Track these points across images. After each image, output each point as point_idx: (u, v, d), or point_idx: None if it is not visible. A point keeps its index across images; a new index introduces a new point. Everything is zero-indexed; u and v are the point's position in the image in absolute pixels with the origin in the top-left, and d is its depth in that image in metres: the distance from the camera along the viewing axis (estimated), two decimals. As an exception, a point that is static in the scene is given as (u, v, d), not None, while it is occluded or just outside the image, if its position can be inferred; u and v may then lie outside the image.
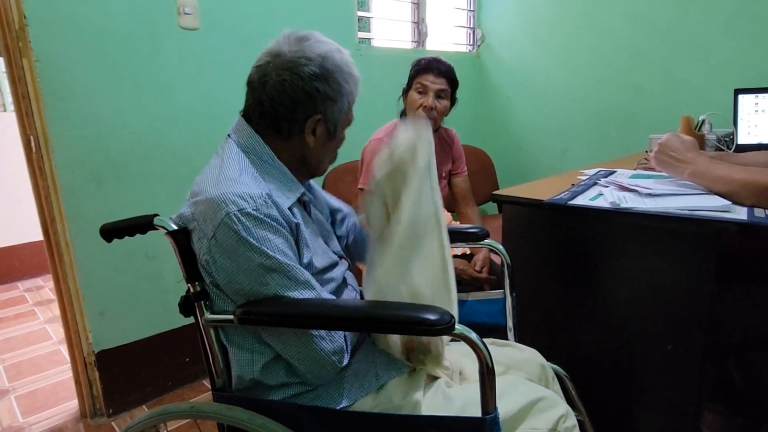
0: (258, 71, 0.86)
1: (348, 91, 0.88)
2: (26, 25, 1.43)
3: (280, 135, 0.87)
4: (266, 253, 0.76)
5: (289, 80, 0.83)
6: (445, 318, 0.66)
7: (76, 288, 1.62)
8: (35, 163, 1.52)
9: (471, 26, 3.01)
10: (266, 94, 0.85)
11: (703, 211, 1.02)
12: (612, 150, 2.48)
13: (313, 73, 0.83)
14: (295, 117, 0.86)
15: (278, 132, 0.87)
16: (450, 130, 1.87)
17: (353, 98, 0.91)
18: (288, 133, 0.87)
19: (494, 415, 0.70)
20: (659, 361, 1.14)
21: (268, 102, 0.85)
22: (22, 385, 1.98)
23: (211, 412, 0.80)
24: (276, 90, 0.84)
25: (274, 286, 0.77)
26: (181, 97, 1.77)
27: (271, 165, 0.87)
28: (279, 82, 0.83)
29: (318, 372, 0.81)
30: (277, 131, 0.87)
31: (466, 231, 1.21)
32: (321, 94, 0.85)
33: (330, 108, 0.87)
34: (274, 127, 0.87)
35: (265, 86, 0.84)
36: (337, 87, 0.86)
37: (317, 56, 0.84)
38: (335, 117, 0.89)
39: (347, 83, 0.88)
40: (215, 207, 0.75)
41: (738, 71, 2.10)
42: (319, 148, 0.90)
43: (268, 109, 0.86)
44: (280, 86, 0.83)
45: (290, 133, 0.87)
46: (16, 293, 3.04)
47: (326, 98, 0.86)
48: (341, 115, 0.90)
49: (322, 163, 0.95)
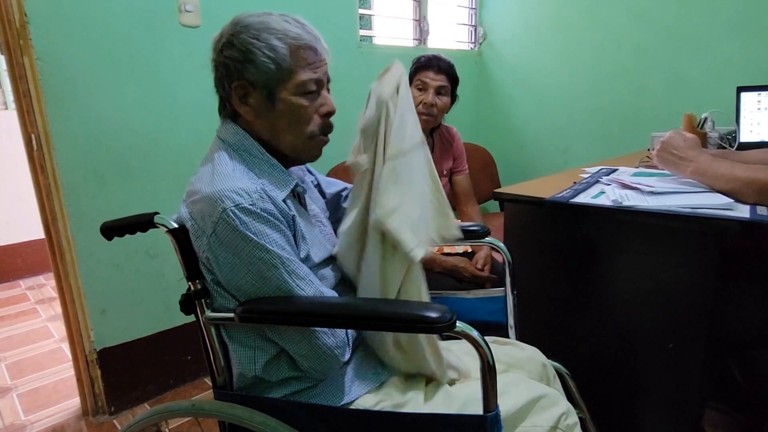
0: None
1: (263, 46, 0.81)
2: (27, 23, 1.43)
3: (232, 118, 0.88)
4: (265, 247, 0.76)
5: (213, 59, 0.86)
6: (445, 316, 0.66)
7: (78, 286, 1.62)
8: (36, 161, 1.52)
9: (473, 24, 3.00)
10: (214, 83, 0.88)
11: (705, 209, 1.01)
12: (614, 148, 2.48)
13: (223, 43, 0.84)
14: (226, 92, 0.86)
15: (230, 116, 0.88)
16: (451, 128, 1.86)
17: (280, 53, 0.81)
18: (232, 113, 0.87)
19: (495, 413, 0.70)
20: (661, 359, 1.14)
21: (215, 89, 0.88)
22: (23, 383, 1.99)
23: (212, 410, 0.80)
24: (213, 74, 0.87)
25: (274, 280, 0.77)
26: (183, 94, 1.77)
27: (261, 159, 0.86)
28: (212, 66, 0.86)
29: (321, 367, 0.81)
30: (229, 116, 0.88)
31: (467, 229, 1.21)
32: (231, 60, 0.83)
33: (246, 70, 0.82)
34: (222, 108, 0.89)
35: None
36: (243, 46, 0.81)
37: (229, 24, 0.85)
38: (262, 78, 0.82)
39: (257, 39, 0.81)
40: (212, 204, 0.75)
41: (740, 69, 2.09)
42: (264, 121, 0.85)
43: (219, 97, 0.89)
44: (213, 68, 0.86)
45: (233, 112, 0.87)
46: (18, 291, 3.04)
47: (237, 62, 0.82)
48: (271, 75, 0.82)
49: (283, 139, 0.86)
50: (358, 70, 2.29)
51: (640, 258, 1.13)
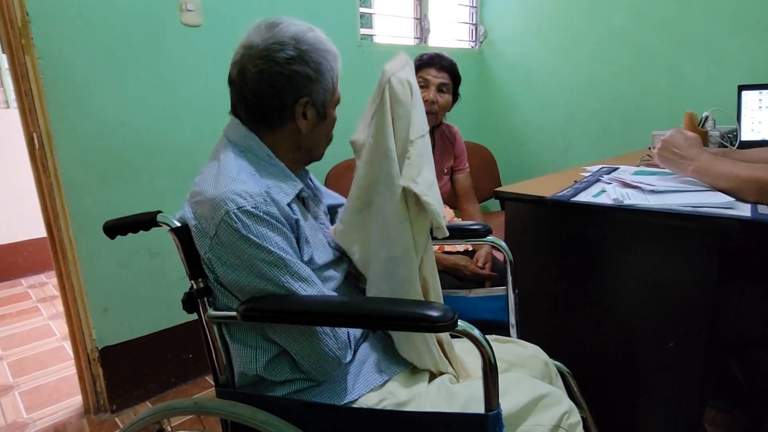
0: (236, 67, 0.85)
1: (328, 68, 0.87)
2: (29, 22, 1.43)
3: (272, 127, 0.87)
4: (267, 250, 0.76)
5: (267, 69, 0.82)
6: (447, 315, 0.66)
7: (80, 284, 1.62)
8: (38, 159, 1.52)
9: (473, 22, 3.00)
10: (248, 89, 0.84)
11: (706, 207, 1.01)
12: (615, 147, 2.48)
13: (290, 57, 0.82)
14: (282, 105, 0.85)
15: (270, 125, 0.87)
16: (452, 126, 1.87)
17: (335, 75, 0.89)
18: (279, 123, 0.86)
19: (497, 412, 0.71)
20: (662, 357, 1.14)
21: (252, 96, 0.84)
22: (25, 381, 1.99)
23: (214, 409, 0.80)
24: (256, 82, 0.83)
25: (275, 282, 0.77)
26: (184, 94, 1.77)
27: (269, 163, 0.87)
28: (257, 73, 0.83)
29: (322, 367, 0.81)
30: (269, 125, 0.87)
31: (468, 228, 1.21)
32: (301, 76, 0.84)
33: (314, 88, 0.86)
34: (264, 120, 0.86)
35: (245, 81, 0.84)
36: (316, 66, 0.85)
37: (290, 39, 0.83)
38: (321, 96, 0.87)
39: (326, 60, 0.86)
40: (215, 206, 0.76)
41: (742, 67, 2.09)
42: (312, 131, 0.90)
43: (253, 104, 0.85)
44: (259, 77, 0.83)
45: (282, 122, 0.86)
46: (20, 290, 3.05)
47: (307, 79, 0.84)
48: (327, 94, 0.88)
49: (319, 146, 0.94)
50: (359, 68, 2.27)
51: (640, 257, 1.13)
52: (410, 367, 0.92)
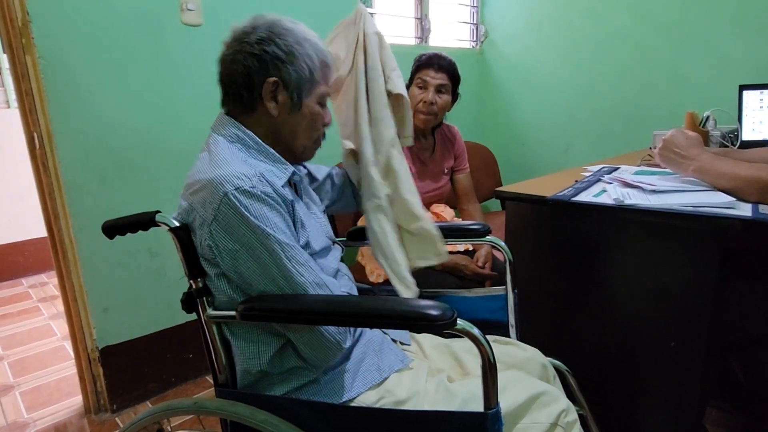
0: (219, 57, 0.89)
1: (302, 53, 0.86)
2: (29, 22, 1.43)
3: (246, 109, 0.88)
4: (265, 231, 0.76)
5: (239, 50, 0.85)
6: (447, 314, 0.66)
7: (80, 284, 1.63)
8: (39, 159, 1.52)
9: (474, 22, 3.00)
10: (224, 71, 0.88)
11: (707, 207, 1.01)
12: (616, 146, 2.48)
13: (260, 38, 0.85)
14: (251, 83, 0.86)
15: (243, 107, 0.88)
16: (452, 126, 1.86)
17: (314, 64, 0.88)
18: (250, 103, 0.87)
19: (496, 410, 0.71)
20: (663, 357, 1.14)
21: (226, 78, 0.87)
22: (26, 381, 1.99)
23: (214, 408, 0.80)
24: (229, 63, 0.86)
25: (274, 265, 0.77)
26: (185, 94, 1.77)
27: (257, 149, 0.87)
28: (229, 55, 0.86)
29: (322, 353, 0.81)
30: (243, 106, 0.88)
31: (468, 228, 1.21)
32: (269, 55, 0.84)
33: (284, 69, 0.85)
34: (238, 102, 0.88)
35: (222, 64, 0.88)
36: (288, 48, 0.85)
37: (264, 23, 0.86)
38: (294, 80, 0.86)
39: (300, 45, 0.86)
40: (213, 189, 0.76)
41: (743, 67, 2.08)
42: (286, 118, 0.88)
43: (226, 84, 0.88)
44: (232, 57, 0.86)
45: (252, 103, 0.87)
46: (21, 289, 3.05)
47: (276, 59, 0.85)
48: (302, 80, 0.87)
49: (297, 139, 0.91)
50: (360, 68, 2.29)
51: (641, 256, 1.13)
52: (408, 365, 0.92)
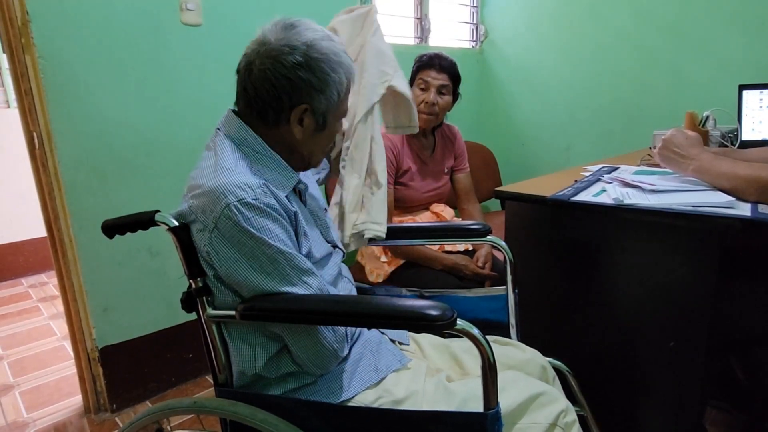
0: (245, 59, 0.85)
1: (336, 80, 0.85)
2: (29, 21, 1.43)
3: (267, 124, 0.86)
4: (267, 242, 0.76)
5: (271, 69, 0.82)
6: (447, 314, 0.66)
7: (80, 284, 1.62)
8: (38, 159, 1.52)
9: (474, 22, 3.00)
10: (250, 83, 0.84)
11: (706, 207, 1.01)
12: (616, 146, 2.47)
13: (297, 62, 0.82)
14: (280, 106, 0.84)
15: (265, 121, 0.86)
16: (452, 126, 1.86)
17: (344, 88, 0.87)
18: (274, 122, 0.86)
19: (496, 411, 0.71)
20: (662, 357, 1.14)
21: (252, 91, 0.84)
22: (26, 381, 1.99)
23: (214, 408, 0.80)
24: (259, 79, 0.83)
25: (276, 275, 0.77)
26: (185, 93, 1.77)
27: (264, 155, 0.86)
28: (262, 71, 0.82)
29: (319, 361, 0.81)
30: (264, 120, 0.86)
31: (468, 227, 1.21)
32: (305, 83, 0.83)
33: (316, 98, 0.84)
34: (260, 116, 0.86)
35: (250, 75, 0.84)
36: (323, 76, 0.83)
37: (302, 44, 0.82)
38: (323, 107, 0.86)
39: (335, 72, 0.84)
40: (215, 198, 0.75)
41: (742, 67, 2.08)
42: (307, 139, 0.88)
43: (252, 98, 0.85)
44: (263, 75, 0.82)
45: (276, 122, 0.86)
46: (20, 289, 3.05)
47: (311, 87, 0.83)
48: (330, 106, 0.87)
49: (314, 154, 0.92)
50: (360, 68, 2.29)
51: (641, 256, 1.13)
52: (407, 365, 0.92)
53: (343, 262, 1.04)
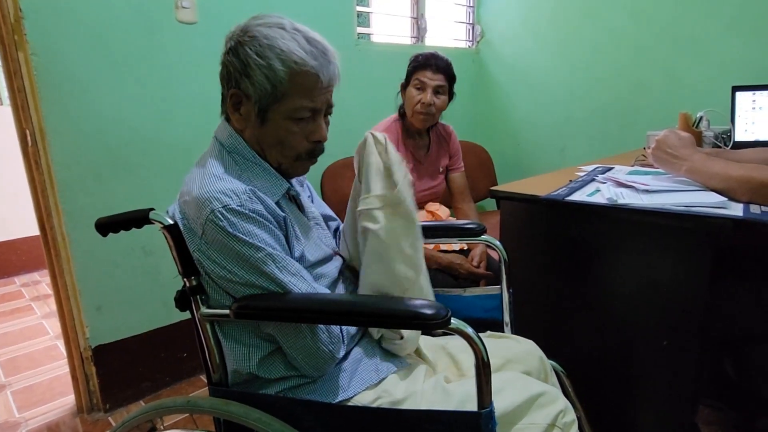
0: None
1: (262, 65, 0.79)
2: (22, 18, 1.42)
3: (228, 118, 0.89)
4: (254, 246, 0.76)
5: (221, 56, 0.86)
6: (441, 313, 0.66)
7: (73, 283, 1.61)
8: (31, 157, 1.51)
9: (470, 22, 3.00)
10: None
11: (699, 207, 1.02)
12: (610, 146, 2.49)
13: (229, 48, 0.84)
14: (223, 93, 0.87)
15: (225, 114, 0.89)
16: (447, 125, 1.87)
17: (277, 76, 0.80)
18: (225, 113, 0.89)
19: (490, 410, 0.70)
20: (655, 356, 1.14)
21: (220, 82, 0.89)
22: (18, 380, 1.98)
23: (208, 407, 0.80)
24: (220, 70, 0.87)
25: (265, 278, 0.77)
26: (180, 91, 1.76)
27: (254, 162, 0.87)
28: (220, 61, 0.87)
29: (315, 363, 0.81)
30: (224, 113, 0.89)
31: (463, 227, 1.21)
32: (231, 66, 0.83)
33: (244, 83, 0.82)
34: (222, 109, 0.89)
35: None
36: (245, 58, 0.80)
37: (238, 29, 0.84)
38: (256, 95, 0.81)
39: (261, 57, 0.79)
40: (200, 205, 0.76)
41: (736, 68, 2.10)
42: (253, 130, 0.85)
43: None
44: (220, 65, 0.87)
45: (227, 114, 0.88)
46: (13, 288, 3.03)
47: (236, 71, 0.82)
48: (264, 94, 0.81)
49: (267, 153, 0.86)
50: (356, 67, 2.28)
51: (634, 256, 1.14)
52: (406, 366, 0.92)
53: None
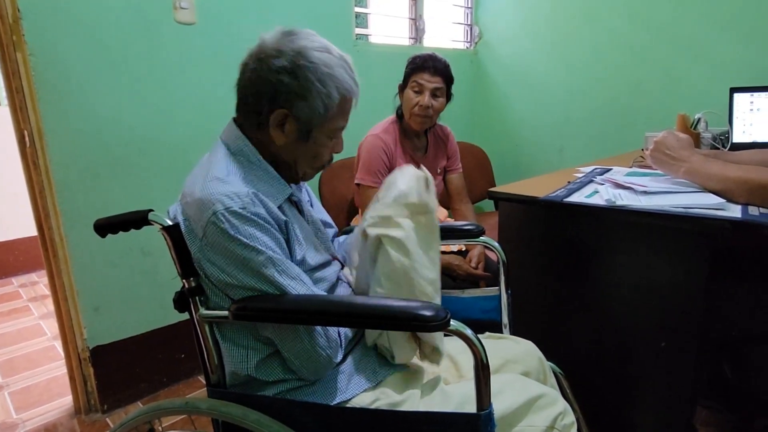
0: (243, 61, 0.87)
1: (322, 92, 0.83)
2: (20, 18, 1.42)
3: (253, 127, 0.88)
4: (256, 249, 0.76)
5: (258, 70, 0.83)
6: (440, 314, 0.66)
7: (71, 283, 1.61)
8: (29, 157, 1.51)
9: (468, 23, 3.01)
10: (241, 82, 0.87)
11: (697, 208, 1.02)
12: (608, 148, 2.49)
13: (281, 66, 0.82)
14: (260, 109, 0.85)
15: (251, 124, 0.88)
16: (445, 126, 1.87)
17: (333, 102, 0.85)
18: (257, 125, 0.87)
19: (488, 411, 0.70)
20: (653, 357, 1.14)
21: (241, 90, 0.87)
22: (15, 381, 1.97)
23: (206, 408, 0.80)
24: (247, 79, 0.85)
25: (265, 281, 0.77)
26: (178, 92, 1.76)
27: (258, 166, 0.87)
28: (251, 71, 0.84)
29: (312, 367, 0.81)
30: (250, 123, 0.88)
31: (462, 228, 1.21)
32: (286, 87, 0.82)
33: (297, 105, 0.83)
34: (247, 117, 0.88)
35: (242, 75, 0.86)
36: (306, 84, 0.82)
37: (291, 50, 0.82)
38: (307, 116, 0.84)
39: (321, 83, 0.83)
40: (202, 207, 0.76)
41: (734, 70, 2.10)
42: (289, 147, 0.87)
43: (241, 97, 0.88)
44: (251, 75, 0.85)
45: (259, 125, 0.87)
46: (11, 289, 3.02)
47: (291, 93, 0.83)
48: (315, 117, 0.85)
49: (298, 165, 0.90)
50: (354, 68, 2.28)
51: (632, 257, 1.14)
52: (405, 368, 0.92)
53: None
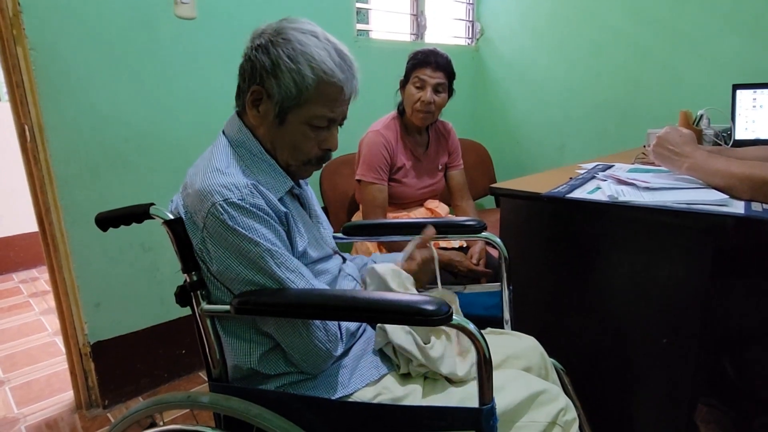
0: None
1: (293, 69, 0.81)
2: (20, 13, 1.41)
3: (242, 111, 0.89)
4: (254, 241, 0.76)
5: (246, 51, 0.86)
6: (443, 309, 0.66)
7: (72, 279, 1.61)
8: (30, 152, 1.51)
9: (470, 19, 3.00)
10: (239, 70, 0.89)
11: (700, 204, 1.02)
12: (610, 145, 2.49)
13: (259, 44, 0.84)
14: (243, 87, 0.87)
15: (241, 108, 0.89)
16: (446, 122, 1.86)
17: (305, 81, 0.81)
18: (243, 107, 0.88)
19: (491, 406, 0.70)
20: (655, 354, 1.14)
21: (238, 77, 0.89)
22: (16, 377, 1.98)
23: (208, 402, 0.80)
24: (241, 65, 0.88)
25: (264, 273, 0.77)
26: (178, 87, 1.76)
27: (260, 158, 0.87)
28: (243, 56, 0.87)
29: (312, 360, 0.81)
30: (240, 107, 0.89)
31: (463, 224, 1.21)
32: (259, 63, 0.83)
33: (269, 83, 0.82)
34: (238, 102, 0.90)
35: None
36: (277, 59, 0.81)
37: (273, 28, 0.84)
38: (278, 96, 0.83)
39: (293, 60, 0.81)
40: (202, 198, 0.77)
41: (736, 67, 2.10)
42: (269, 131, 0.86)
43: (237, 84, 0.90)
44: (242, 59, 0.87)
45: (244, 108, 0.88)
46: (11, 284, 3.02)
47: (263, 70, 0.83)
48: (287, 96, 0.82)
49: (278, 152, 0.88)
50: (355, 64, 2.28)
51: (635, 253, 1.14)
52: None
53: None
